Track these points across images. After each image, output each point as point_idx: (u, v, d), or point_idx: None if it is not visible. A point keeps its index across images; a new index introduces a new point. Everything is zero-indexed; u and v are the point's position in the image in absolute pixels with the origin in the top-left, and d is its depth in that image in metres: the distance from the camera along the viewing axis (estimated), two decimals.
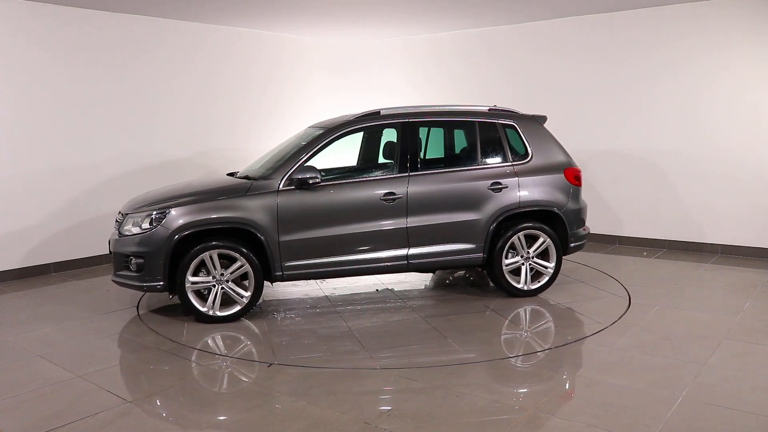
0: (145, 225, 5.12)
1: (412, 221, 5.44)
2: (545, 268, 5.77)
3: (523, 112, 6.03)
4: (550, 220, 5.80)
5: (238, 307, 5.22)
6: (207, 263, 5.10)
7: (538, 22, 8.38)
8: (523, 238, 5.68)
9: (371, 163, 6.53)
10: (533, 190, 5.67)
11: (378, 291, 6.12)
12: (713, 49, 7.17)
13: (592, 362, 4.35)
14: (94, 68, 7.19)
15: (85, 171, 7.22)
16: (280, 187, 5.23)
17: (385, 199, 5.39)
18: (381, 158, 6.43)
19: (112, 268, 5.39)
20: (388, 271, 5.53)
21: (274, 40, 9.13)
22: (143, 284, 5.10)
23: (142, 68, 7.62)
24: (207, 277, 5.13)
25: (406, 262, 5.49)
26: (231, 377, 4.22)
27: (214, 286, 5.15)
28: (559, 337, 4.83)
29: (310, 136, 5.60)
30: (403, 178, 5.47)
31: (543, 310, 5.48)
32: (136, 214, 5.23)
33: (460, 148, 6.14)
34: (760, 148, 7.01)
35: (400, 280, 6.49)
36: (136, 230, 5.16)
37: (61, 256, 7.11)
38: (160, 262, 5.01)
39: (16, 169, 6.69)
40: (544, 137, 5.89)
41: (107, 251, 6.61)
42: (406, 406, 3.66)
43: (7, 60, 6.54)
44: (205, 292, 5.18)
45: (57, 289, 6.45)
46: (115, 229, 5.42)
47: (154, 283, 5.07)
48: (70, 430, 3.46)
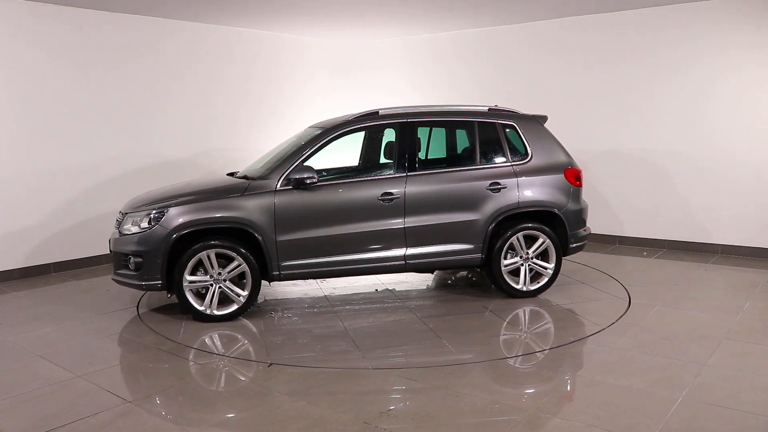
0: (144, 224, 5.14)
1: (410, 221, 5.43)
2: (545, 268, 5.76)
3: (523, 112, 6.01)
4: (550, 221, 5.78)
5: (236, 306, 5.23)
6: (204, 262, 5.12)
7: (538, 22, 8.38)
8: (523, 238, 5.67)
9: (371, 163, 6.52)
10: (533, 191, 5.65)
11: (377, 291, 6.12)
12: (714, 50, 7.17)
13: (592, 362, 4.34)
14: (94, 68, 7.19)
15: (85, 171, 7.22)
16: (278, 187, 5.23)
17: (383, 199, 5.38)
18: (382, 158, 6.42)
19: (112, 267, 5.43)
20: (385, 271, 5.52)
21: (275, 41, 9.13)
22: (142, 283, 5.13)
23: (142, 68, 7.62)
24: (205, 276, 5.15)
25: (403, 263, 5.48)
26: (230, 377, 4.22)
27: (212, 286, 5.16)
28: (559, 337, 4.83)
29: (309, 136, 5.60)
30: (401, 178, 5.47)
31: (542, 311, 5.47)
32: (136, 214, 5.25)
33: (459, 148, 6.14)
34: (760, 148, 7.01)
35: (401, 281, 6.48)
36: (135, 229, 5.18)
37: (61, 256, 7.11)
38: (159, 261, 5.04)
39: (16, 169, 6.69)
40: (545, 137, 5.86)
41: (107, 251, 6.63)
42: (406, 406, 3.66)
43: (7, 60, 6.54)
44: (203, 291, 5.20)
45: (57, 289, 6.45)
46: (116, 228, 5.45)
47: (153, 282, 5.10)
48: (70, 430, 3.46)
